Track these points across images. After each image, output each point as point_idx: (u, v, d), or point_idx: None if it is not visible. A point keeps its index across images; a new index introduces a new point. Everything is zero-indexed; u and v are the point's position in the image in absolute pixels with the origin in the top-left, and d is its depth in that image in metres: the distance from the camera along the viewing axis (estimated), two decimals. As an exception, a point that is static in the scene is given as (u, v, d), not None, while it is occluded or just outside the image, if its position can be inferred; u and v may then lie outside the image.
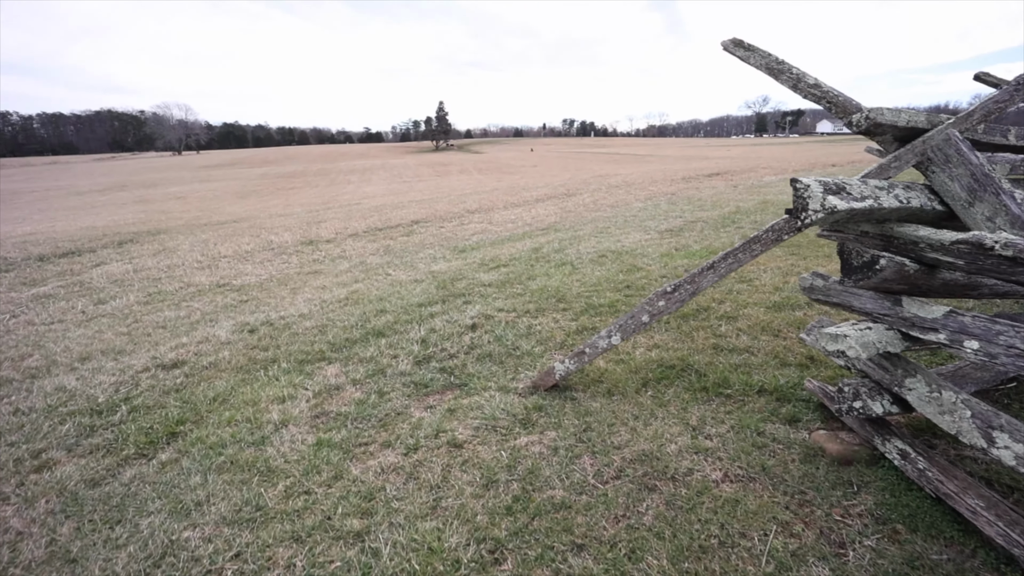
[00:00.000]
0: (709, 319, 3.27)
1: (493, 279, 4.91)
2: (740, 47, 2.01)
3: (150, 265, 7.37)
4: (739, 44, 2.02)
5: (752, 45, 2.02)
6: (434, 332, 3.56)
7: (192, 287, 5.78)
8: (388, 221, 9.84)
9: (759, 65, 1.92)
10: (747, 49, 2.00)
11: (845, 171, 14.01)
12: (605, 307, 3.72)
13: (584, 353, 2.35)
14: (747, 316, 3.22)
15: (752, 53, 1.98)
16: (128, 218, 17.99)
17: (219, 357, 3.46)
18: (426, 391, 2.75)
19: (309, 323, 3.99)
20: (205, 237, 10.17)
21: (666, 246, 5.79)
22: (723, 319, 3.23)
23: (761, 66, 1.95)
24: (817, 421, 1.97)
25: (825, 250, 4.91)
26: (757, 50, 1.99)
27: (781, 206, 8.03)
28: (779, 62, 1.88)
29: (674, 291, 2.13)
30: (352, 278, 5.59)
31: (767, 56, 1.95)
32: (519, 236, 7.40)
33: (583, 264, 5.28)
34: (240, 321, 4.20)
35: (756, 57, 1.97)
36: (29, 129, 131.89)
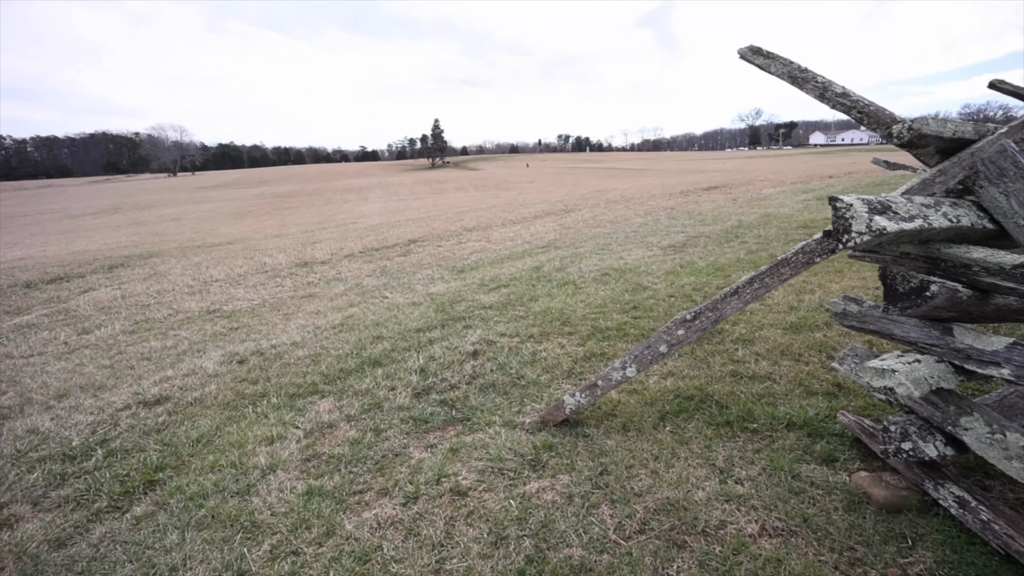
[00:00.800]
0: (724, 343, 3.11)
1: (494, 301, 4.75)
2: (759, 55, 1.90)
3: (139, 291, 7.18)
4: (758, 52, 1.91)
5: (772, 53, 1.91)
6: (433, 360, 3.38)
7: (181, 314, 5.58)
8: (384, 241, 9.71)
9: (780, 74, 1.81)
10: (767, 57, 1.88)
11: (843, 182, 14.07)
12: (613, 330, 3.56)
13: (596, 386, 2.17)
14: (764, 339, 3.06)
15: (772, 61, 1.87)
16: (121, 241, 17.82)
17: (205, 392, 3.26)
18: (426, 427, 2.56)
19: (301, 352, 3.81)
20: (198, 260, 10.01)
21: (670, 263, 5.66)
22: (739, 342, 3.07)
23: (783, 74, 1.83)
24: (856, 460, 1.80)
25: (836, 264, 4.79)
26: (778, 58, 1.88)
27: (783, 219, 7.96)
28: (802, 70, 1.76)
29: (694, 319, 1.97)
30: (347, 302, 5.42)
31: (789, 64, 1.84)
32: (519, 254, 7.27)
33: (586, 283, 5.13)
34: (229, 351, 4.01)
35: (777, 65, 1.86)
36: (23, 153, 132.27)
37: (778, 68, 1.87)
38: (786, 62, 1.88)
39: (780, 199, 11.20)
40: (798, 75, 1.76)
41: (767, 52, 1.94)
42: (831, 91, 1.69)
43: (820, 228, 7.38)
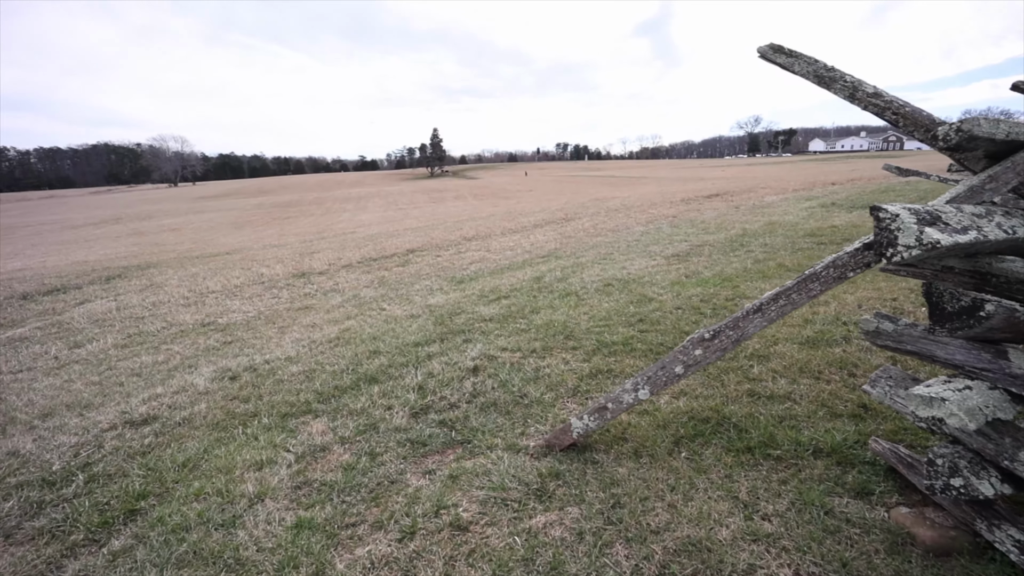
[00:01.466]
0: (738, 358, 2.97)
1: (494, 313, 4.61)
2: (781, 53, 1.79)
3: (135, 302, 7.05)
4: (779, 50, 1.80)
5: (795, 51, 1.80)
6: (432, 377, 3.24)
7: (175, 327, 5.45)
8: (383, 251, 9.60)
9: (805, 73, 1.69)
10: (789, 55, 1.77)
11: (846, 189, 13.99)
12: (619, 345, 3.42)
13: (606, 409, 2.03)
14: (780, 355, 2.92)
15: (796, 60, 1.75)
16: (121, 251, 17.75)
17: (194, 411, 3.11)
18: (424, 450, 2.41)
19: (296, 368, 3.66)
20: (195, 271, 9.89)
21: (675, 273, 5.54)
22: (753, 358, 2.93)
23: (807, 74, 1.71)
24: (893, 493, 1.65)
25: (845, 274, 4.65)
26: (801, 56, 1.77)
27: (789, 227, 7.85)
28: (829, 69, 1.65)
29: (713, 338, 1.84)
30: (344, 314, 5.29)
31: (814, 63, 1.72)
32: (519, 264, 7.15)
33: (589, 294, 5.00)
34: (221, 367, 3.86)
35: (801, 64, 1.75)
36: (26, 164, 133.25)
37: (802, 67, 1.76)
38: (810, 60, 1.77)
39: (784, 207, 11.11)
40: (824, 74, 1.64)
41: (789, 50, 1.83)
42: (861, 91, 1.57)
43: (827, 236, 7.28)
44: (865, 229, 7.27)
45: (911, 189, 12.31)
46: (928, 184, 12.14)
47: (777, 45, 1.85)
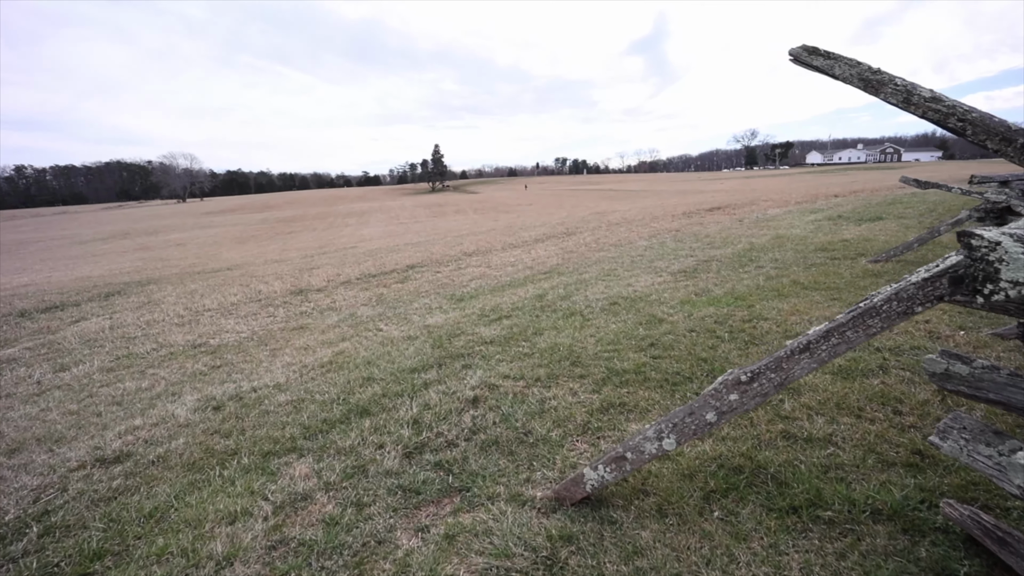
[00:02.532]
0: (762, 390, 2.72)
1: (495, 334, 4.37)
2: (816, 55, 1.58)
3: (129, 321, 6.86)
4: (814, 52, 1.59)
5: (834, 53, 1.59)
6: (428, 409, 2.99)
7: (165, 348, 5.23)
8: (382, 267, 9.42)
9: (847, 76, 1.48)
10: (828, 57, 1.56)
11: (850, 201, 13.78)
12: (631, 373, 3.17)
13: (625, 460, 1.78)
14: (812, 387, 2.66)
15: (836, 62, 1.55)
16: (125, 266, 17.69)
17: (171, 447, 2.87)
18: (417, 500, 2.15)
19: (283, 397, 3.42)
20: (194, 287, 9.73)
21: (683, 291, 5.29)
22: (783, 391, 2.67)
23: (851, 77, 1.50)
24: (980, 572, 1.38)
25: (871, 291, 4.40)
26: (842, 58, 1.56)
27: (798, 242, 7.62)
28: (875, 71, 1.44)
29: (752, 381, 1.59)
30: (339, 335, 5.06)
31: (856, 65, 1.51)
32: (520, 281, 6.93)
33: (594, 314, 4.76)
34: (206, 395, 3.63)
35: (842, 67, 1.54)
36: (42, 181, 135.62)
37: (844, 70, 1.55)
38: (852, 63, 1.56)
39: (789, 220, 10.89)
40: (871, 77, 1.43)
41: (827, 52, 1.62)
42: (917, 95, 1.36)
43: (839, 251, 7.03)
44: (877, 243, 7.03)
45: (918, 201, 12.08)
46: (938, 195, 11.93)
47: (812, 46, 1.64)
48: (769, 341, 3.50)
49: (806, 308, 4.18)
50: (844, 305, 4.20)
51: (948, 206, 10.23)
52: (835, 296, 4.52)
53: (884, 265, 5.62)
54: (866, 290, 4.63)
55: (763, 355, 3.27)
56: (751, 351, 3.34)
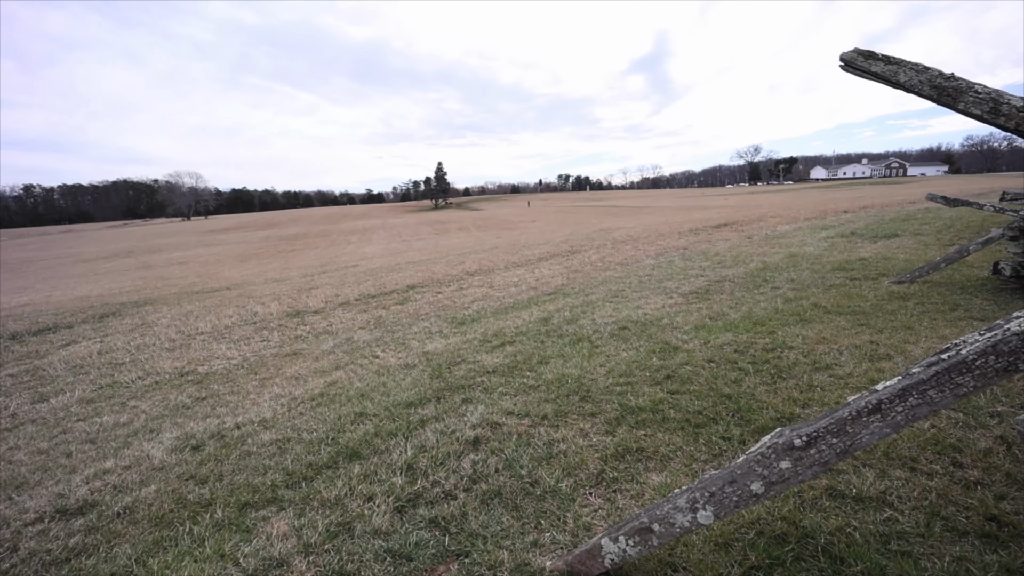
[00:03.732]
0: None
1: (498, 363, 4.11)
2: (874, 60, 1.36)
3: (119, 345, 6.63)
4: (871, 56, 1.38)
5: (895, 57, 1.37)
6: (425, 452, 2.71)
7: (151, 376, 4.99)
8: (382, 287, 9.21)
9: (914, 84, 1.26)
10: (889, 63, 1.34)
11: (860, 217, 13.55)
12: (647, 411, 2.89)
13: (651, 532, 1.50)
14: None
15: (900, 68, 1.32)
16: (125, 285, 17.62)
17: (141, 496, 2.59)
18: (409, 568, 1.87)
19: (268, 435, 3.15)
20: (190, 308, 9.54)
21: (697, 315, 5.03)
22: None
23: (919, 84, 1.28)
24: None
25: (900, 318, 4.13)
26: (906, 63, 1.34)
27: (813, 260, 7.36)
28: (949, 77, 1.21)
29: (808, 446, 1.32)
30: (333, 362, 4.80)
31: (924, 71, 1.29)
32: (524, 303, 6.69)
33: (603, 340, 4.49)
34: (186, 432, 3.36)
35: (908, 72, 1.31)
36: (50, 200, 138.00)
37: (910, 76, 1.32)
38: (919, 67, 1.33)
39: (800, 237, 10.66)
40: (944, 84, 1.21)
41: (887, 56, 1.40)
42: (1008, 104, 1.12)
43: (858, 271, 6.73)
44: (897, 262, 6.76)
45: (933, 217, 11.83)
46: (954, 212, 11.68)
47: (867, 51, 1.42)
48: (798, 374, 3.21)
49: (833, 336, 3.90)
50: (873, 332, 3.92)
51: (966, 223, 9.97)
52: (862, 322, 4.24)
53: (910, 287, 5.34)
54: (894, 315, 4.36)
55: (793, 390, 2.99)
56: (779, 386, 3.06)
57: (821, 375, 3.18)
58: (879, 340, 3.72)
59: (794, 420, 2.66)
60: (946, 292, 5.02)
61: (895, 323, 4.12)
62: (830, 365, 3.33)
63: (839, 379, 3.10)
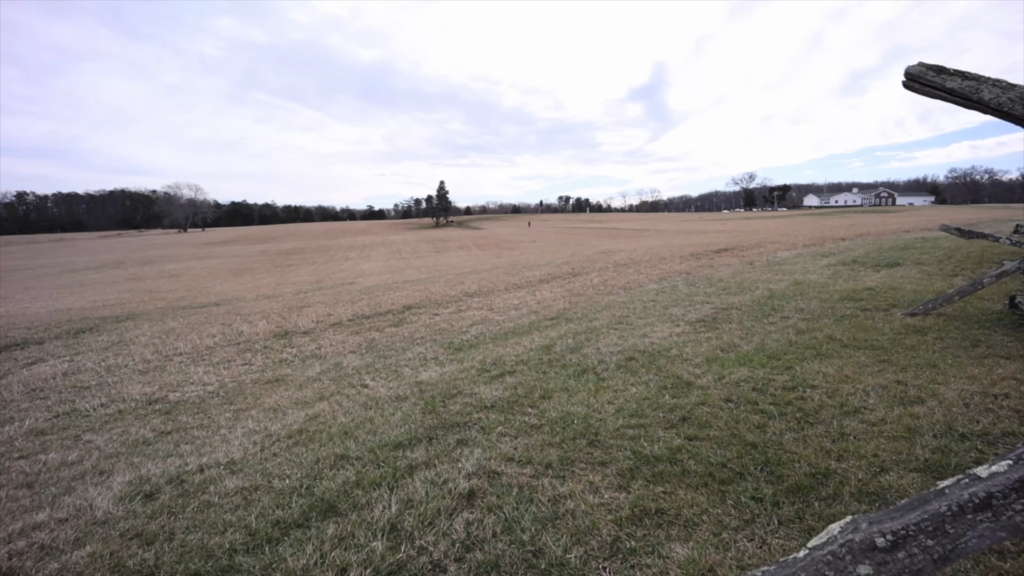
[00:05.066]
0: (841, 496, 2.11)
1: (496, 396, 3.77)
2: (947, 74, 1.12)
3: (88, 366, 6.21)
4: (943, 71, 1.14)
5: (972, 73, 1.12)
6: (412, 507, 2.35)
7: (116, 403, 4.58)
8: (377, 307, 8.87)
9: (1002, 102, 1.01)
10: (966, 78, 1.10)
11: (859, 245, 13.47)
12: (664, 462, 2.56)
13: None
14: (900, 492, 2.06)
15: (982, 85, 1.09)
16: (110, 298, 17.13)
17: (70, 562, 2.20)
18: (384, 675, 1.50)
19: (235, 481, 2.78)
20: (173, 325, 9.13)
21: (707, 345, 4.73)
22: (862, 498, 2.06)
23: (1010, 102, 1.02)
24: None
25: (922, 354, 3.85)
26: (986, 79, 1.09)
27: (819, 289, 7.14)
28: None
29: (894, 548, 1.00)
30: (317, 392, 4.44)
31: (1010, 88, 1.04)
32: (525, 328, 6.37)
33: (609, 372, 4.18)
34: (142, 475, 2.97)
35: (991, 89, 1.07)
36: (43, 208, 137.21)
37: (995, 93, 1.08)
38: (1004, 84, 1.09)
39: (801, 263, 10.49)
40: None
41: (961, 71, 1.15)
42: None
43: (867, 301, 6.48)
44: (905, 292, 6.54)
45: (932, 246, 11.73)
46: (952, 242, 11.60)
47: (937, 65, 1.19)
48: (826, 419, 2.90)
49: (855, 374, 3.61)
50: (897, 370, 3.64)
51: (966, 253, 9.84)
52: (882, 358, 3.96)
53: (924, 319, 5.10)
54: (915, 351, 4.08)
55: (824, 439, 2.67)
56: (808, 433, 2.74)
57: (851, 421, 2.87)
58: (905, 380, 3.43)
59: (830, 476, 2.34)
60: (963, 326, 4.77)
61: (918, 360, 3.84)
62: (859, 408, 3.03)
63: (872, 426, 2.79)
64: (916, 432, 2.63)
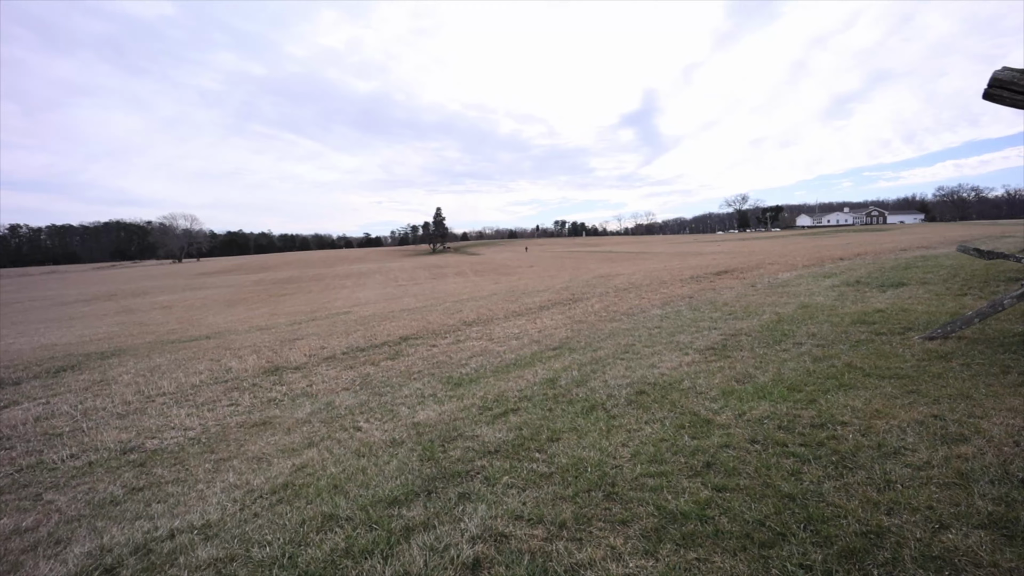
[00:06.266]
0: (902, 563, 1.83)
1: (500, 439, 3.48)
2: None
3: (64, 409, 5.85)
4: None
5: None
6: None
7: (87, 454, 4.23)
8: (373, 338, 8.58)
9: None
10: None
11: (858, 264, 13.40)
12: (693, 519, 2.27)
13: None
14: (969, 557, 1.78)
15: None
16: (99, 332, 16.72)
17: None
18: None
19: (208, 550, 2.45)
20: (159, 362, 8.77)
21: (720, 376, 4.48)
22: (926, 564, 1.79)
23: None
24: None
25: (952, 384, 3.59)
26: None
27: (828, 312, 6.94)
28: None
29: None
30: (307, 436, 4.12)
31: None
32: (527, 359, 6.10)
33: (620, 408, 3.91)
34: (103, 543, 2.64)
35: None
36: (36, 241, 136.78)
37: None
38: None
39: (805, 285, 10.34)
40: None
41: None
42: None
43: (880, 324, 6.24)
44: (917, 314, 6.35)
45: (933, 265, 11.67)
46: (956, 260, 11.54)
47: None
48: (865, 463, 2.64)
49: (886, 407, 3.36)
50: (929, 402, 3.39)
51: (970, 271, 9.75)
52: (910, 388, 3.72)
53: (943, 344, 4.88)
54: (943, 379, 3.85)
55: (868, 488, 2.40)
56: (849, 481, 2.47)
57: (894, 465, 2.61)
58: (941, 414, 3.18)
59: (884, 535, 2.07)
60: (988, 351, 4.55)
61: (949, 390, 3.60)
62: (899, 450, 2.77)
63: (918, 470, 2.53)
64: (969, 478, 2.37)
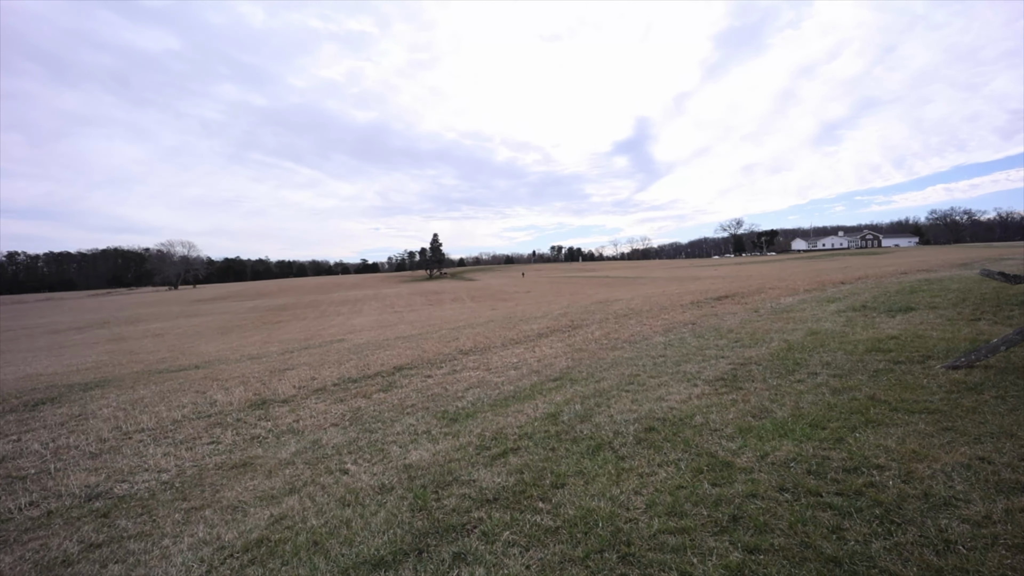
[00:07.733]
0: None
1: (499, 485, 3.17)
2: None
3: (35, 447, 5.47)
4: None
5: None
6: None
7: (48, 501, 3.87)
8: (366, 368, 8.25)
9: None
10: None
11: (860, 288, 13.23)
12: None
13: None
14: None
15: None
16: (87, 361, 16.26)
17: None
18: None
19: (162, 629, 2.11)
20: (143, 394, 8.39)
21: (734, 410, 4.19)
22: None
23: None
24: None
25: (990, 419, 3.31)
26: None
27: (839, 339, 6.70)
28: None
29: None
30: (288, 481, 3.77)
31: None
32: (526, 391, 5.79)
33: (628, 447, 3.60)
34: (44, 617, 2.29)
35: None
36: (33, 268, 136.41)
37: None
38: None
39: (809, 310, 10.13)
40: None
41: None
42: None
43: (897, 351, 5.97)
44: (933, 341, 6.11)
45: (939, 288, 11.50)
46: (962, 283, 11.39)
47: None
48: (915, 518, 2.34)
49: (923, 448, 3.07)
50: (970, 441, 3.11)
51: (979, 294, 9.58)
52: (945, 424, 3.44)
53: (969, 373, 4.62)
54: (979, 414, 3.58)
55: (926, 550, 2.10)
56: (902, 541, 2.17)
57: (948, 520, 2.31)
58: (989, 456, 2.90)
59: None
60: (1020, 381, 4.30)
61: (988, 427, 3.32)
62: (949, 500, 2.47)
63: (978, 528, 2.23)
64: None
